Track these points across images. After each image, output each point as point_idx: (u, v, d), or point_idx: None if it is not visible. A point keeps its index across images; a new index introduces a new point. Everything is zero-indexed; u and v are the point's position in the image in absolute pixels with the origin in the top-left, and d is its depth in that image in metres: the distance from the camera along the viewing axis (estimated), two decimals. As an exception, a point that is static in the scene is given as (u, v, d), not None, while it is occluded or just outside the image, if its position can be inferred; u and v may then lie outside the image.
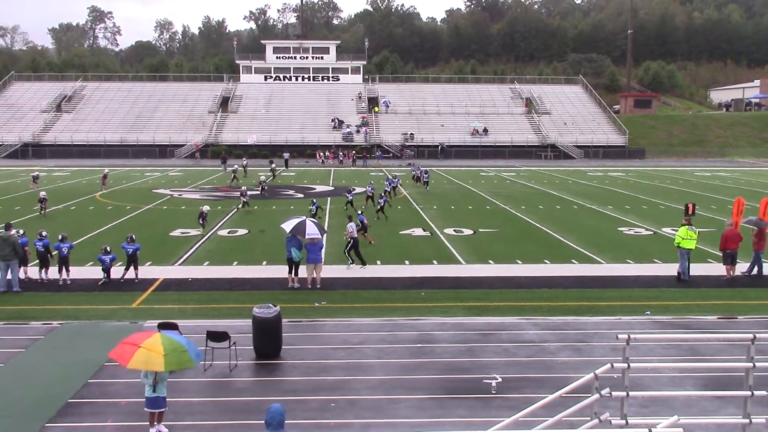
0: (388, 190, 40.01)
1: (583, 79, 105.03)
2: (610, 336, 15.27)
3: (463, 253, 25.19)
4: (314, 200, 34.00)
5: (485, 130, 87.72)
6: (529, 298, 19.02)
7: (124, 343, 10.37)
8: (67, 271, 20.61)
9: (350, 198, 36.28)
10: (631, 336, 8.87)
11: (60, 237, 20.73)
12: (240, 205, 36.39)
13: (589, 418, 8.83)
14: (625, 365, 8.80)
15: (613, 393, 8.71)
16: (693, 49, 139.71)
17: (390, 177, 45.52)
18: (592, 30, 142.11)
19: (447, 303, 18.48)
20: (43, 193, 34.94)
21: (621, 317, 17.25)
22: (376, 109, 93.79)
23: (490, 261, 23.94)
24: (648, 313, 17.59)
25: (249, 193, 38.27)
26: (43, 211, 33.91)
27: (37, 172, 51.04)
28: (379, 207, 33.83)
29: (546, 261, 23.98)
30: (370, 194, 37.86)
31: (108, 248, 20.68)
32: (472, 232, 30.12)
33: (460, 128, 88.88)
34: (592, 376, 8.73)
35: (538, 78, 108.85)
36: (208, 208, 30.86)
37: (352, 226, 23.07)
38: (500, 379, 12.85)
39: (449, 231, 30.22)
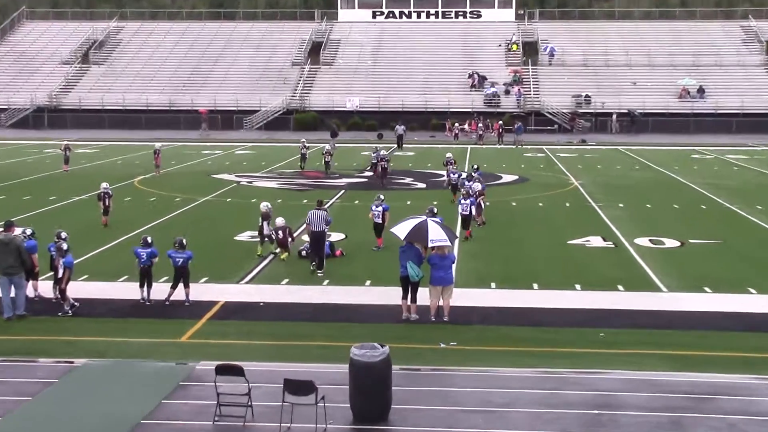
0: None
1: None
2: None
3: (665, 276, 24.65)
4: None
5: (701, 91, 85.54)
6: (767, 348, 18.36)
7: None
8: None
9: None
10: None
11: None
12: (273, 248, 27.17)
13: None
14: None
15: None
16: None
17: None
18: None
19: (638, 350, 18.09)
20: (105, 185, 31.94)
21: None
22: (514, 47, 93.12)
23: (707, 288, 23.30)
24: None
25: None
26: (106, 218, 31.35)
27: (67, 143, 51.56)
28: None
29: (795, 290, 23.12)
30: (455, 181, 37.08)
31: (149, 239, 21.53)
32: (678, 243, 29.51)
33: (662, 88, 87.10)
34: None
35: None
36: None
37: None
38: (721, 469, 12.44)
39: (642, 241, 29.68)
